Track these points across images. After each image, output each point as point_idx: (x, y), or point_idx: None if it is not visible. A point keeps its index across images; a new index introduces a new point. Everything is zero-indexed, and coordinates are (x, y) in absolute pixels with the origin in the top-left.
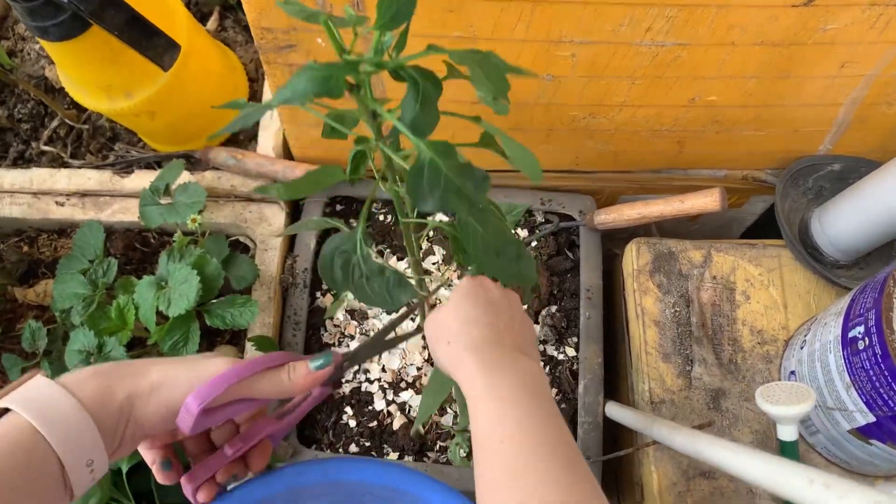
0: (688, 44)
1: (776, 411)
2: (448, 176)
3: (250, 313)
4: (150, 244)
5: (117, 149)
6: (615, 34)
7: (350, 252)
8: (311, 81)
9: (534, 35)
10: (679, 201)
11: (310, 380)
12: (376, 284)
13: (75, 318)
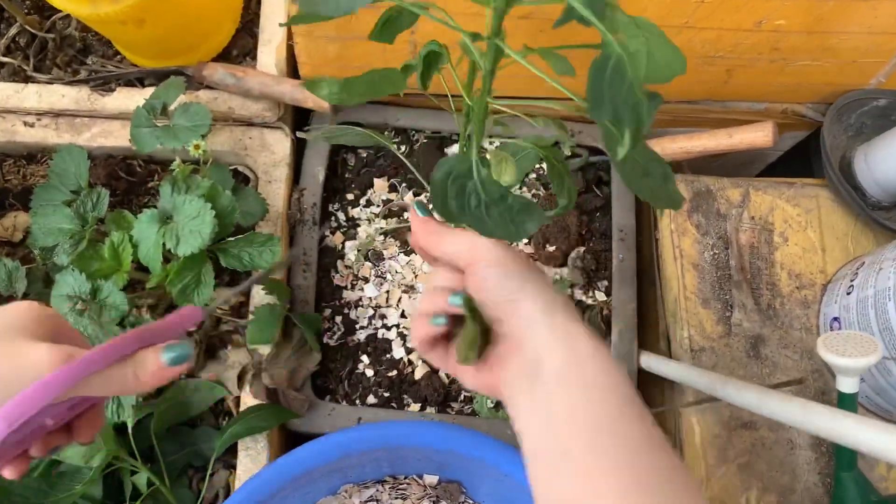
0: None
1: (842, 363)
2: (632, 84)
3: (271, 253)
4: (136, 173)
5: (90, 63)
6: None
7: (465, 177)
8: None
9: None
10: (727, 135)
11: (162, 376)
12: (498, 211)
13: (61, 258)
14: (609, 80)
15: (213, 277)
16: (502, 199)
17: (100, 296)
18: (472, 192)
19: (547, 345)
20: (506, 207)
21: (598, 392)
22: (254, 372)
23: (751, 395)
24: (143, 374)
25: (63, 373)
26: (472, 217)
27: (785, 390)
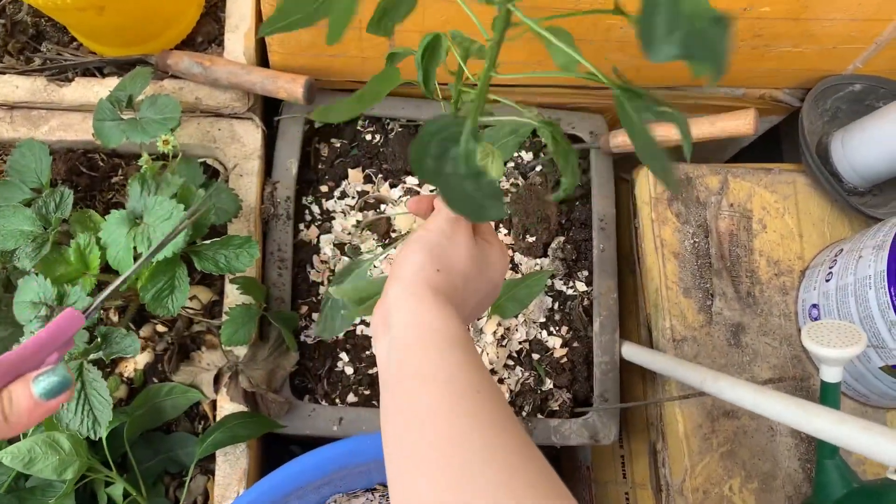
0: None
1: (826, 353)
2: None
3: (248, 256)
4: (98, 168)
5: (45, 50)
6: None
7: (450, 143)
8: None
9: None
10: (709, 123)
11: (38, 413)
12: (469, 186)
13: (23, 262)
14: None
15: (187, 282)
16: (479, 176)
17: (66, 301)
18: (452, 157)
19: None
20: (478, 186)
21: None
22: (230, 374)
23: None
24: (13, 414)
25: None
26: (443, 181)
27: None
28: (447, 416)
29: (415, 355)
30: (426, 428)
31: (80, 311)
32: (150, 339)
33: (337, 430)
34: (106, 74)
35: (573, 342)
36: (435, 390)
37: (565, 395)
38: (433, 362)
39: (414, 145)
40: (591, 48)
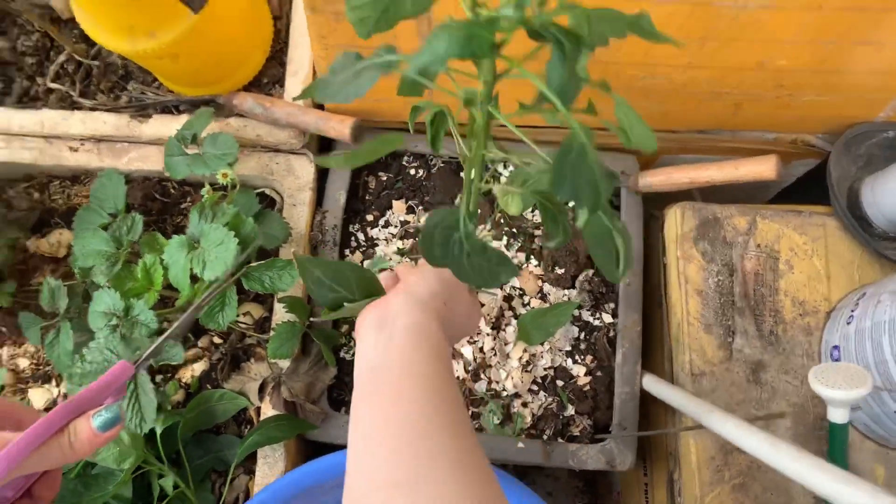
0: (772, 6)
1: (831, 394)
2: (591, 165)
3: (290, 277)
4: (170, 194)
5: (131, 89)
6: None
7: (452, 228)
8: (453, 42)
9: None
10: (733, 167)
11: (97, 442)
12: (477, 262)
13: (98, 278)
14: (572, 164)
15: (236, 300)
16: (483, 250)
17: (132, 313)
18: (456, 241)
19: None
20: (485, 258)
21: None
22: (273, 384)
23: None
24: (77, 442)
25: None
26: (453, 263)
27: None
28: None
29: (406, 354)
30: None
31: (131, 363)
32: (206, 350)
33: None
34: (182, 111)
35: (597, 371)
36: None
37: (586, 422)
38: (421, 364)
39: (421, 239)
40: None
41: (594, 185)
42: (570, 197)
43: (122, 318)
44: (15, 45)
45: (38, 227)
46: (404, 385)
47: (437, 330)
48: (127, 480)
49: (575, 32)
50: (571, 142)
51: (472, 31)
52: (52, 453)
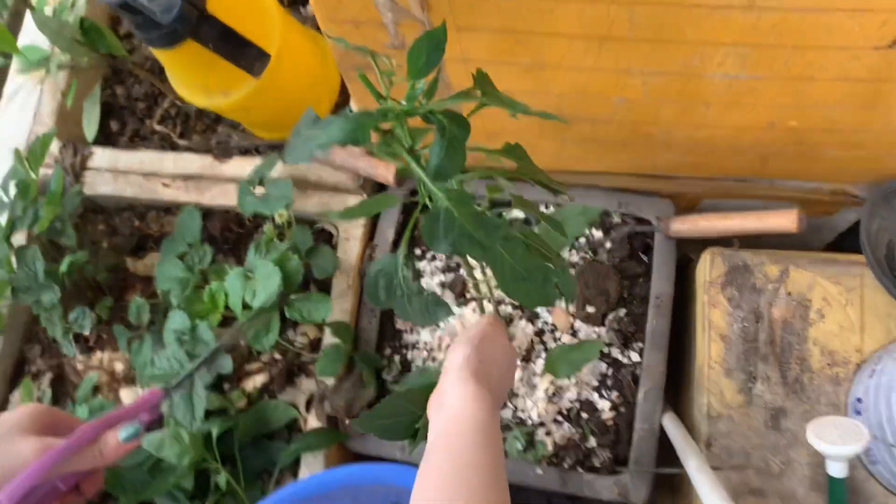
0: (763, 77)
1: (826, 449)
2: (462, 223)
3: (325, 309)
4: (245, 225)
5: (220, 131)
6: (686, 67)
7: (392, 274)
8: (341, 130)
9: (602, 65)
10: (756, 218)
11: (121, 451)
12: (416, 303)
13: (173, 299)
14: (443, 223)
15: (278, 326)
16: (420, 292)
17: (196, 332)
18: (397, 285)
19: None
20: (422, 300)
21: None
22: (318, 399)
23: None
24: (106, 450)
25: (41, 461)
26: (396, 304)
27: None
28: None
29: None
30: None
31: (161, 389)
32: (268, 364)
33: (399, 455)
34: (259, 153)
35: (621, 407)
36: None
37: (607, 454)
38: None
39: (367, 284)
40: (638, 148)
41: (470, 238)
42: (449, 251)
43: (189, 335)
44: (129, 92)
45: (136, 250)
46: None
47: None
48: (187, 474)
49: (459, 116)
50: (438, 208)
51: (360, 122)
52: (86, 457)
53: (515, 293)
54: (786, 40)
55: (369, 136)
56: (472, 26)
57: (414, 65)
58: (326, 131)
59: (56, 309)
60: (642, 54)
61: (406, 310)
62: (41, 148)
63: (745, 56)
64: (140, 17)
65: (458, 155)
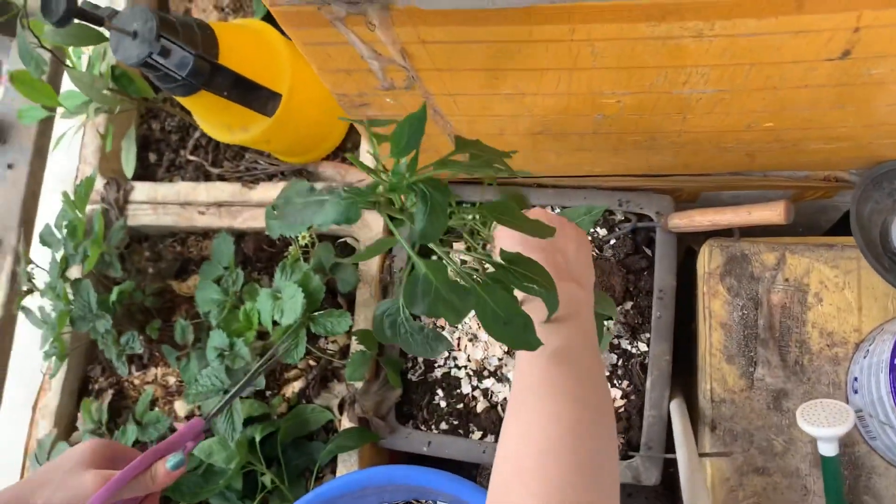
0: (728, 90)
1: (814, 431)
2: (438, 289)
3: (345, 323)
4: (275, 245)
5: (247, 158)
6: (653, 86)
7: (395, 315)
8: (336, 211)
9: (576, 90)
10: (746, 212)
11: (169, 478)
12: (418, 339)
13: (213, 320)
14: (421, 287)
15: (305, 341)
16: (421, 329)
17: (234, 349)
18: (400, 324)
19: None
20: (423, 336)
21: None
22: (349, 402)
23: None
24: (156, 478)
25: (102, 492)
26: (401, 339)
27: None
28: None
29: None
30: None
31: (202, 419)
32: (304, 370)
33: (426, 450)
34: (285, 176)
35: (631, 395)
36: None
37: (620, 441)
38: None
39: (374, 324)
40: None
41: (444, 301)
42: (425, 313)
43: (228, 352)
44: (164, 125)
45: (179, 273)
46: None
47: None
48: (235, 476)
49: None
50: (417, 275)
51: (351, 202)
52: (140, 484)
53: (500, 336)
54: (740, 60)
55: (359, 216)
56: (451, 67)
57: (397, 145)
58: (323, 213)
59: (110, 334)
60: (610, 79)
61: (410, 345)
62: (85, 190)
63: (707, 74)
64: (159, 71)
65: (440, 218)
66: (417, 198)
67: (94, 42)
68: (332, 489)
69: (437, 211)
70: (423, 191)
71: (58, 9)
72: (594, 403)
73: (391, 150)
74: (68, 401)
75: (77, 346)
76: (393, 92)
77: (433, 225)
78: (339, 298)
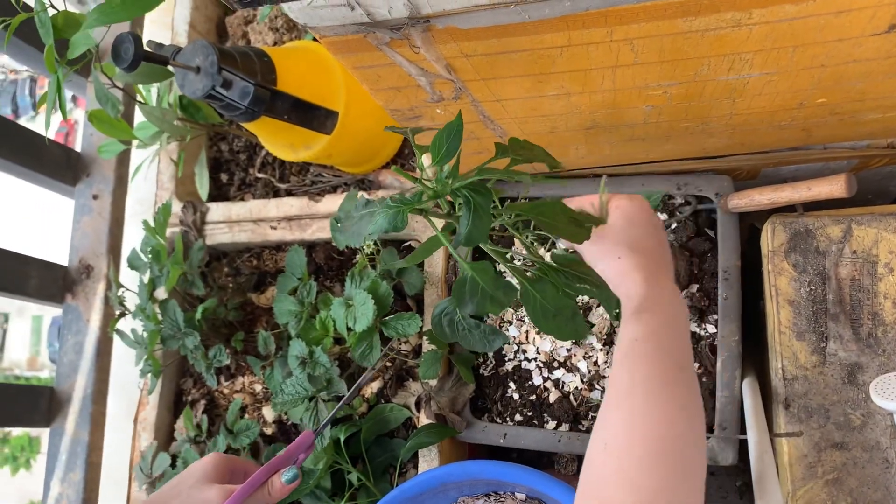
0: (775, 72)
1: (888, 406)
2: (484, 288)
3: (414, 325)
4: (344, 253)
5: (312, 171)
6: (698, 75)
7: (452, 314)
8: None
9: (621, 85)
10: (806, 188)
11: (285, 491)
12: (476, 335)
13: (291, 330)
14: (469, 290)
15: (379, 344)
16: (477, 326)
17: (314, 357)
18: (457, 322)
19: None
20: (481, 331)
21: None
22: (425, 400)
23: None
24: (273, 491)
25: (240, 493)
26: (459, 336)
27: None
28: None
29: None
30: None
31: (312, 431)
32: (380, 371)
33: (503, 442)
34: (349, 186)
35: (702, 377)
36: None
37: None
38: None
39: (433, 325)
40: (681, 139)
41: (491, 298)
42: (474, 311)
43: (308, 360)
44: (231, 146)
45: (258, 286)
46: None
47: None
48: (323, 475)
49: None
50: (465, 277)
51: (397, 210)
52: (258, 498)
53: (547, 328)
54: (783, 43)
55: (405, 223)
56: (495, 76)
57: (436, 153)
58: (375, 223)
59: (199, 349)
60: (654, 72)
61: (469, 342)
62: (163, 216)
63: (750, 60)
64: (222, 101)
65: (483, 221)
66: (461, 203)
67: (162, 79)
68: (412, 487)
69: (481, 214)
70: (466, 196)
71: (126, 56)
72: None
73: (432, 158)
74: (165, 413)
75: (170, 362)
76: (442, 103)
77: (477, 228)
78: (409, 300)
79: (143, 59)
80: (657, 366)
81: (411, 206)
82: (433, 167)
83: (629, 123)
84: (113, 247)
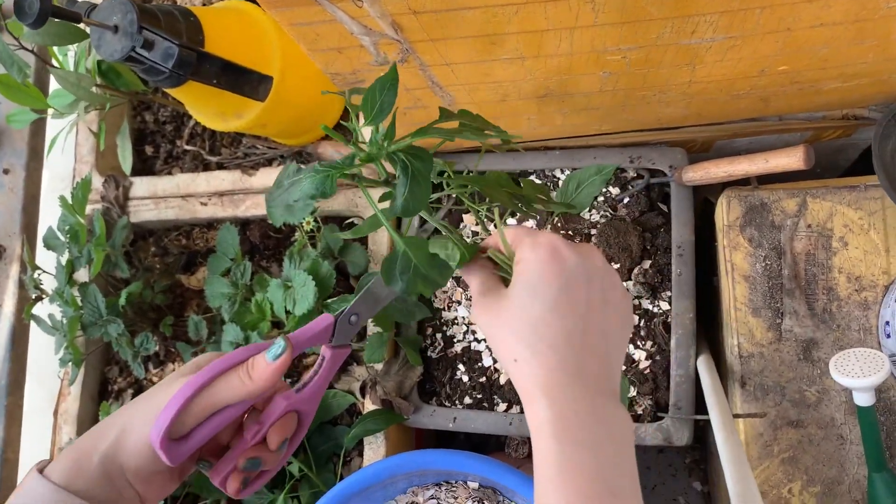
0: (739, 35)
1: (848, 383)
2: (417, 266)
3: None
4: (281, 231)
5: (245, 143)
6: (659, 39)
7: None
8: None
9: (579, 49)
10: (763, 160)
11: (270, 371)
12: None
13: (225, 314)
14: (399, 265)
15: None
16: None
17: (249, 342)
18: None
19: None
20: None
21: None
22: (370, 385)
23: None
24: (254, 372)
25: (181, 389)
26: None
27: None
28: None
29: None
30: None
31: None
32: None
33: (452, 426)
34: (285, 159)
35: (656, 356)
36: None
37: (648, 402)
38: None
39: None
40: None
41: (424, 277)
42: (404, 290)
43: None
44: (157, 116)
45: (188, 266)
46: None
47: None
48: None
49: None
50: (396, 252)
51: (326, 175)
52: (234, 381)
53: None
54: (751, 4)
55: (335, 189)
56: (445, 37)
57: (369, 111)
58: (299, 188)
59: (124, 336)
60: (614, 35)
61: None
62: (82, 192)
63: (715, 22)
64: (144, 65)
65: (422, 189)
66: (398, 168)
67: (77, 39)
68: (360, 481)
69: (419, 181)
70: (403, 161)
71: (31, 10)
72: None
73: (364, 115)
74: (89, 404)
75: (92, 350)
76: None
77: (415, 196)
78: (352, 281)
79: (50, 15)
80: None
81: (341, 169)
82: (367, 126)
83: (584, 91)
84: (27, 225)
